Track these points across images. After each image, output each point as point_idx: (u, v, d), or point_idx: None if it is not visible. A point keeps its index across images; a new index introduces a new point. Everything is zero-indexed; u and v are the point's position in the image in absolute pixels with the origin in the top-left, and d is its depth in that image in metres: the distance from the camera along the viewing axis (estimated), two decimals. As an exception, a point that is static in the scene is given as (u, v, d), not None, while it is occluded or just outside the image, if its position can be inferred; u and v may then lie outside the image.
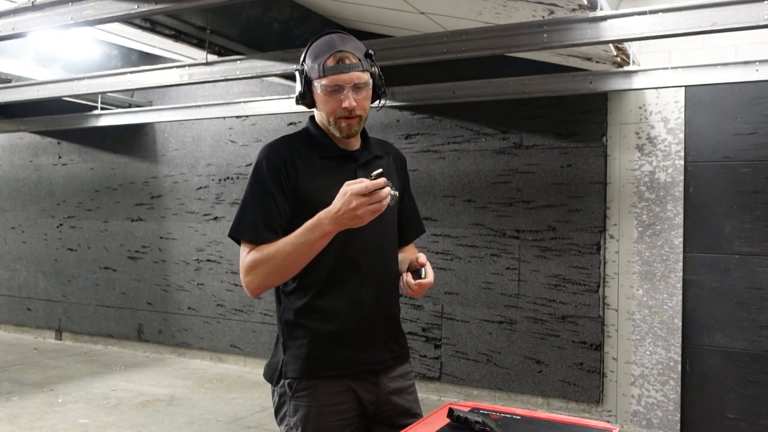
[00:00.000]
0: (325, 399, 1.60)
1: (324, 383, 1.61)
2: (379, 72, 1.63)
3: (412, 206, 1.88)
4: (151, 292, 6.25)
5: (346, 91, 1.55)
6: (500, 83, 4.10)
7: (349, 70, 1.55)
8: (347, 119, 1.59)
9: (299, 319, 1.64)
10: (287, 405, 1.63)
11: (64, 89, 4.53)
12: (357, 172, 1.65)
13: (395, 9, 3.67)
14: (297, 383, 1.61)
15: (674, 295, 4.07)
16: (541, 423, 1.53)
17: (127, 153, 6.41)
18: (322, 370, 1.61)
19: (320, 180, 1.61)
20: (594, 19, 2.89)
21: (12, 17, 2.87)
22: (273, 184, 1.58)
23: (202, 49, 3.83)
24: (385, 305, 1.68)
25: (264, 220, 1.57)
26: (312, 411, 1.60)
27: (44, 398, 4.72)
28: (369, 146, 1.73)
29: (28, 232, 7.11)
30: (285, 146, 1.65)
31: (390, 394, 1.69)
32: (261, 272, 1.54)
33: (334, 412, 1.60)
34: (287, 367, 1.63)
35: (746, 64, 3.53)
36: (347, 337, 1.62)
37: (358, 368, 1.63)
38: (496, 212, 4.58)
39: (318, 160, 1.64)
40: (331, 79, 1.55)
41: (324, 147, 1.66)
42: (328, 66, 1.55)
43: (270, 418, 4.39)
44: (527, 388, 4.51)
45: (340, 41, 1.58)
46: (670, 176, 4.08)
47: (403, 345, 1.77)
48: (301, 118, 5.44)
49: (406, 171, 1.85)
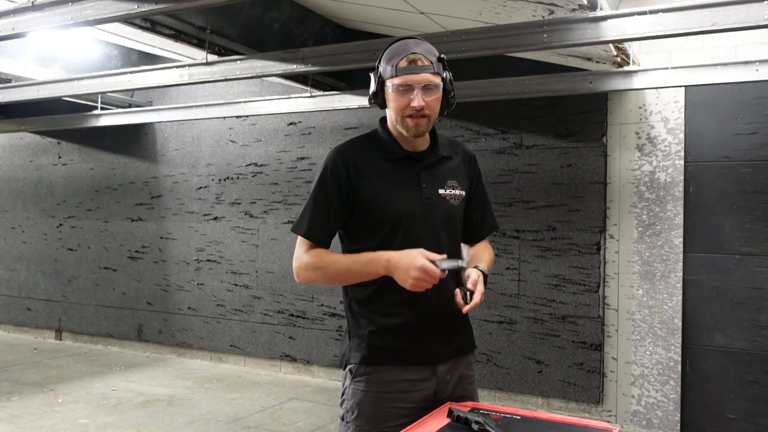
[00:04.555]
0: (382, 386, 1.67)
1: (382, 371, 1.68)
2: (450, 77, 1.70)
3: (485, 203, 1.92)
4: (151, 292, 6.25)
5: (416, 91, 1.62)
6: (500, 83, 4.10)
7: (421, 71, 1.62)
8: (414, 118, 1.64)
9: (361, 310, 1.72)
10: (348, 389, 1.72)
11: (64, 89, 4.53)
12: (421, 173, 1.72)
13: (395, 9, 3.67)
14: (357, 369, 1.70)
15: (674, 295, 4.07)
16: (541, 423, 1.53)
17: (127, 153, 6.41)
18: (381, 359, 1.68)
19: (382, 182, 1.69)
20: (594, 19, 2.88)
21: (12, 17, 2.87)
22: (333, 189, 1.68)
23: (202, 49, 3.83)
24: (445, 299, 1.69)
25: (320, 221, 1.69)
26: (368, 396, 1.67)
27: (44, 398, 4.72)
28: (437, 147, 1.77)
29: (28, 232, 7.11)
30: (350, 150, 1.72)
31: (449, 384, 1.73)
32: (313, 275, 1.70)
33: (391, 399, 1.67)
34: (351, 353, 1.72)
35: (746, 64, 3.53)
36: (405, 331, 1.68)
37: (415, 360, 1.69)
38: (496, 212, 4.52)
39: (381, 162, 1.71)
40: (403, 78, 1.62)
41: (388, 149, 1.73)
42: (400, 67, 1.62)
43: (270, 418, 4.40)
44: (527, 388, 4.51)
45: (414, 44, 1.65)
46: (670, 176, 4.08)
47: (467, 337, 1.81)
48: (301, 118, 5.44)
49: (476, 168, 1.88)
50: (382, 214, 1.68)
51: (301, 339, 5.46)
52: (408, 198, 1.70)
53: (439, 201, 1.73)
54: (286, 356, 5.53)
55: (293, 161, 5.51)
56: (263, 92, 5.54)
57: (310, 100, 4.81)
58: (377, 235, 1.69)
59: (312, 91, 4.80)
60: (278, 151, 5.59)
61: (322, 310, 5.36)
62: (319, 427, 4.21)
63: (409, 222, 1.68)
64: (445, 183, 1.75)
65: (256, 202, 5.68)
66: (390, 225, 1.68)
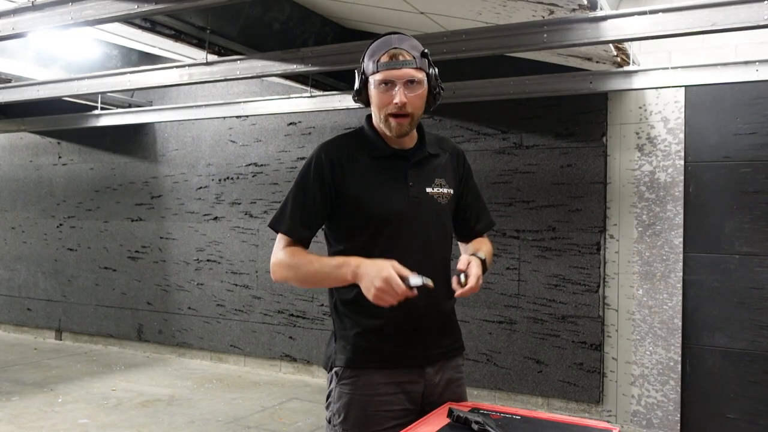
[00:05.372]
0: (368, 388, 1.63)
1: (368, 373, 1.64)
2: (435, 72, 1.64)
3: (478, 200, 1.86)
4: (151, 292, 6.25)
5: (398, 87, 1.57)
6: (500, 83, 4.10)
7: (402, 66, 1.57)
8: (397, 117, 1.60)
9: (347, 310, 1.68)
10: (334, 392, 1.68)
11: (64, 89, 4.53)
12: (408, 171, 1.68)
13: (395, 9, 3.67)
14: (343, 372, 1.66)
15: (674, 295, 4.07)
16: (541, 423, 1.53)
17: (127, 153, 6.41)
18: (367, 362, 1.64)
19: (367, 179, 1.65)
20: (594, 19, 2.88)
21: (12, 17, 2.87)
22: (316, 184, 1.64)
23: (202, 49, 3.83)
24: (434, 301, 1.66)
25: (300, 217, 1.65)
26: (354, 399, 1.63)
27: (44, 398, 4.72)
28: (423, 145, 1.73)
29: (28, 232, 7.11)
30: (336, 147, 1.68)
31: (438, 386, 1.70)
32: (286, 273, 1.65)
33: (377, 402, 1.63)
34: (336, 356, 1.68)
35: (746, 64, 3.53)
36: (392, 332, 1.65)
37: (403, 362, 1.65)
38: (496, 212, 4.57)
39: (368, 159, 1.67)
40: (384, 74, 1.58)
41: (374, 147, 1.68)
42: (382, 62, 1.58)
43: (270, 418, 4.40)
44: (527, 388, 4.51)
45: (397, 40, 1.61)
46: (670, 176, 4.08)
47: (456, 339, 1.79)
48: (301, 118, 5.44)
49: (465, 165, 1.83)
50: (368, 213, 1.63)
51: (301, 339, 5.46)
52: (395, 197, 1.65)
53: (427, 200, 1.68)
54: (286, 356, 5.53)
55: (293, 161, 5.51)
56: (263, 92, 5.54)
57: (310, 100, 4.81)
58: (362, 235, 1.64)
59: (312, 91, 4.80)
60: (278, 151, 5.59)
61: (322, 310, 5.36)
62: (319, 427, 4.21)
63: (396, 221, 1.63)
64: (432, 181, 1.70)
65: (256, 202, 5.68)
66: (376, 224, 1.63)
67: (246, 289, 5.70)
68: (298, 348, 5.48)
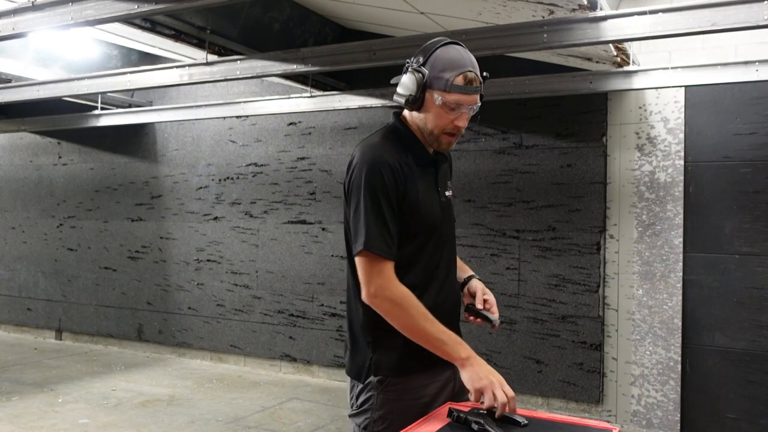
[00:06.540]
0: (412, 393, 1.66)
1: (412, 379, 1.66)
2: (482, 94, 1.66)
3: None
4: (151, 292, 6.25)
5: (464, 110, 1.59)
6: (500, 83, 4.10)
7: (475, 92, 1.58)
8: (450, 136, 1.64)
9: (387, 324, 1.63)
10: (374, 399, 1.65)
11: (64, 89, 4.53)
12: (438, 177, 1.72)
13: (395, 9, 3.67)
14: (388, 379, 1.64)
15: (674, 295, 4.07)
16: (541, 423, 1.53)
17: (127, 153, 6.41)
18: (413, 368, 1.65)
19: (419, 186, 1.65)
20: (594, 19, 2.88)
21: (12, 17, 2.87)
22: (391, 197, 1.57)
23: (202, 49, 3.83)
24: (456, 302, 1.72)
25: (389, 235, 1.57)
26: (401, 405, 1.65)
27: (44, 398, 4.72)
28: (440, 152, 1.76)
29: (28, 232, 7.11)
30: (389, 152, 1.62)
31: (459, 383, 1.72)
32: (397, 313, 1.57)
33: (420, 405, 1.66)
34: (379, 364, 1.65)
35: (746, 64, 3.53)
36: None
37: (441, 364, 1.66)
38: (496, 212, 4.58)
39: (414, 166, 1.66)
40: (457, 97, 1.56)
41: (420, 153, 1.69)
42: (456, 84, 1.56)
43: (270, 418, 4.39)
44: (527, 388, 4.51)
45: (469, 59, 1.59)
46: (670, 176, 4.08)
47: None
48: (301, 118, 5.44)
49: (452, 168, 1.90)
50: (421, 220, 1.64)
51: (301, 339, 5.46)
52: (434, 203, 1.68)
53: (448, 204, 1.75)
54: (286, 356, 5.53)
55: (293, 161, 5.51)
56: (263, 92, 5.54)
57: (310, 100, 4.81)
58: (414, 241, 1.63)
59: (312, 91, 4.80)
60: (278, 151, 5.59)
61: (322, 310, 5.36)
62: (319, 427, 4.21)
63: (438, 227, 1.68)
64: (446, 186, 1.76)
65: (256, 202, 5.68)
66: (428, 230, 1.66)
67: (246, 289, 5.70)
68: (298, 348, 5.48)
